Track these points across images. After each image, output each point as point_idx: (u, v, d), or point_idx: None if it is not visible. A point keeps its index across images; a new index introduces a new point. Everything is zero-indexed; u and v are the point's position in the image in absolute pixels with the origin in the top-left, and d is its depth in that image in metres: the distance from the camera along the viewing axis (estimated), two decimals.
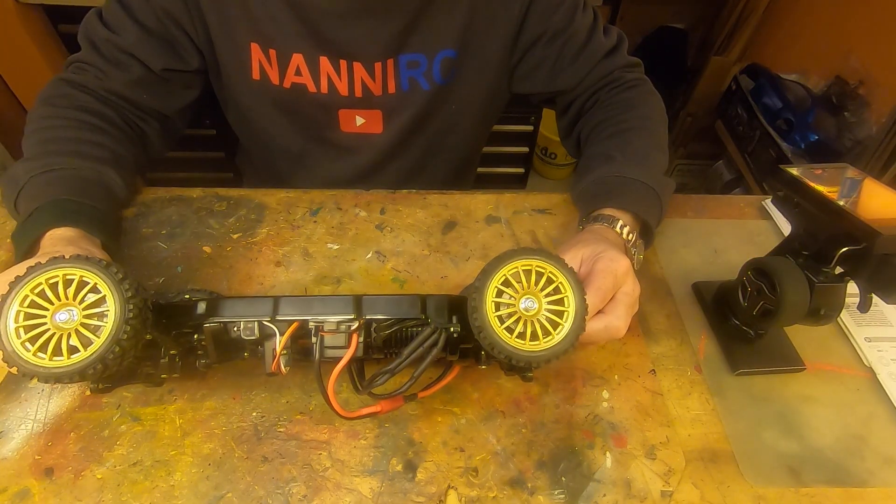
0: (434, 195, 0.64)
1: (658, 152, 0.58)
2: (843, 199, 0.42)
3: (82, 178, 0.50)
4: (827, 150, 1.23)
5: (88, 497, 0.39)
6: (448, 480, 0.41)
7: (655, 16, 1.68)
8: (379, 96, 0.63)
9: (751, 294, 0.46)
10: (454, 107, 0.67)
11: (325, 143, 0.68)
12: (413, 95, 0.63)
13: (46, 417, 0.43)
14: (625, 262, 0.43)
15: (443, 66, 0.62)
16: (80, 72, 0.57)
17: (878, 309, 0.54)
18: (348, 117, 0.65)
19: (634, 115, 0.60)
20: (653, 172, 0.54)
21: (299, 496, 0.40)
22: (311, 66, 0.59)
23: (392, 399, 0.40)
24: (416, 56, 0.60)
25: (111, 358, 0.32)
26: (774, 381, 0.48)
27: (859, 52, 1.23)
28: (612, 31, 0.65)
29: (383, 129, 0.66)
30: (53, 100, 0.54)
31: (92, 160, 0.51)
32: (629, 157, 0.55)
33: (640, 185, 0.52)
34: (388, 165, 0.71)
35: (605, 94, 0.64)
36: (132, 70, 0.57)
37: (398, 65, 0.61)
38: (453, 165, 0.77)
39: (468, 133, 0.73)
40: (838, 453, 0.44)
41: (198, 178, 1.48)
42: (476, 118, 0.71)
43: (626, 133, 0.58)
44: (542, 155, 1.82)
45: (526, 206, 0.63)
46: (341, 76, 0.60)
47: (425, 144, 0.70)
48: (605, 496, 0.41)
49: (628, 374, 0.48)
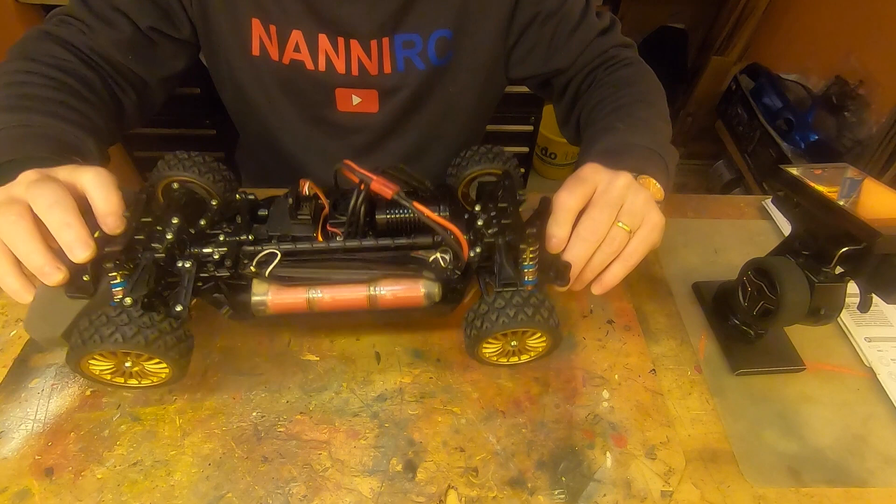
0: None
1: (661, 121, 0.57)
2: (843, 199, 0.42)
3: (63, 141, 0.47)
4: (827, 150, 1.23)
5: (88, 497, 0.39)
6: (448, 480, 0.41)
7: (655, 16, 1.68)
8: (375, 76, 0.63)
9: (751, 294, 0.46)
10: (451, 89, 0.67)
11: (321, 123, 0.68)
12: (408, 76, 0.63)
13: (46, 417, 0.43)
14: (623, 180, 0.42)
15: (438, 47, 0.62)
16: (65, 25, 0.55)
17: (878, 309, 0.54)
18: (345, 96, 0.65)
19: (633, 91, 0.60)
20: (657, 139, 0.53)
21: (299, 496, 0.40)
22: (310, 42, 0.60)
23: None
24: (411, 36, 0.61)
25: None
26: (774, 381, 0.48)
27: (859, 52, 1.23)
28: (605, 14, 0.66)
29: (379, 109, 0.66)
30: (36, 55, 0.51)
31: (73, 126, 0.49)
32: (632, 126, 0.54)
33: (646, 150, 0.51)
34: (384, 147, 0.71)
35: (601, 72, 0.64)
36: (120, 27, 0.55)
37: (393, 44, 0.61)
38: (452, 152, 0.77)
39: (465, 118, 0.73)
40: (838, 453, 0.44)
41: None
42: (473, 102, 0.71)
43: (627, 107, 0.58)
44: (542, 155, 1.82)
45: (525, 207, 0.63)
46: (339, 54, 0.61)
47: (422, 127, 0.71)
48: (605, 496, 0.41)
49: (628, 374, 0.48)
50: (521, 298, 0.37)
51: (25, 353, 0.46)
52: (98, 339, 0.33)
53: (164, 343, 0.35)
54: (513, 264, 0.40)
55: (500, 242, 0.40)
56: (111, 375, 0.37)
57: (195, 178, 0.43)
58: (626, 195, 0.42)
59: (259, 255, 0.39)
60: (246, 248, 0.40)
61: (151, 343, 0.34)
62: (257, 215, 0.41)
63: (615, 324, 0.52)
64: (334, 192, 0.42)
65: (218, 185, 0.44)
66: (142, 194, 0.41)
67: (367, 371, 0.47)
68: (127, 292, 0.36)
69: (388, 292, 0.40)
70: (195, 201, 0.43)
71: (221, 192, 0.44)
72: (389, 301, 0.40)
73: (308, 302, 0.39)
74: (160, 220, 0.39)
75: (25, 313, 0.39)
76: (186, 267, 0.38)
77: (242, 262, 0.39)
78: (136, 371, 0.37)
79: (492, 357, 0.41)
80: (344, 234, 0.40)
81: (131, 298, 0.35)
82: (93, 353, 0.34)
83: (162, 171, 0.43)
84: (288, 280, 0.39)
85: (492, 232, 0.41)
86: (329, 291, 0.39)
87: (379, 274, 0.39)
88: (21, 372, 0.45)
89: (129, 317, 0.34)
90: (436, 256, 0.39)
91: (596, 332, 0.51)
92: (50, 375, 0.45)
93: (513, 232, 0.40)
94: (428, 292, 0.40)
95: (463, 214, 0.42)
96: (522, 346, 0.40)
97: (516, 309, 0.36)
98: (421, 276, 0.40)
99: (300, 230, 0.40)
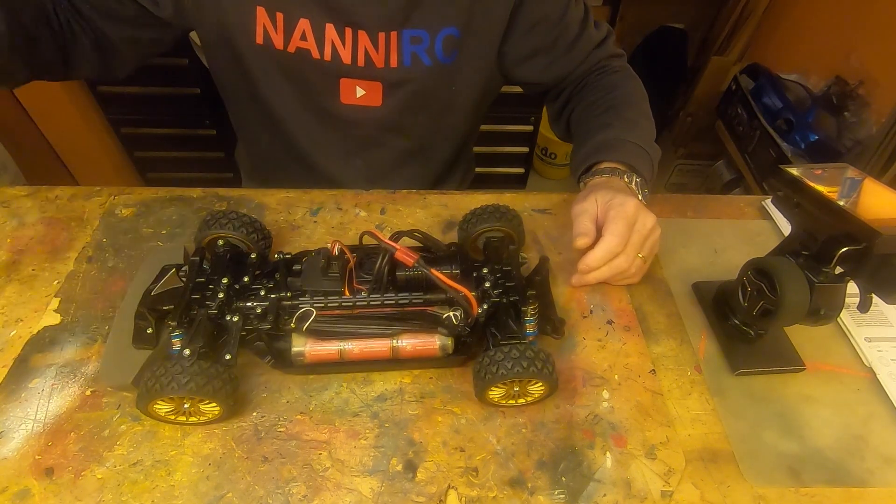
0: (434, 195, 0.64)
1: (646, 120, 0.65)
2: (843, 199, 0.42)
3: None
4: (827, 150, 1.23)
5: (88, 497, 0.39)
6: (448, 480, 0.41)
7: (655, 16, 1.68)
8: (381, 68, 0.63)
9: (751, 294, 0.46)
10: (454, 87, 0.68)
11: (324, 114, 0.69)
12: (414, 71, 0.64)
13: (47, 417, 0.43)
14: (633, 202, 0.51)
15: (445, 44, 0.63)
16: None
17: (878, 309, 0.54)
18: (349, 87, 0.65)
19: (620, 94, 0.67)
20: (643, 137, 0.61)
21: (299, 496, 0.40)
22: (317, 31, 0.60)
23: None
24: (419, 32, 0.61)
25: None
26: (774, 381, 0.48)
27: (859, 52, 1.23)
28: (602, 25, 0.71)
29: (382, 103, 0.67)
30: None
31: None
32: (623, 123, 0.62)
33: (634, 146, 0.59)
34: (386, 141, 0.72)
35: (593, 77, 0.70)
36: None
37: (401, 38, 0.62)
38: (452, 147, 0.79)
39: (465, 117, 0.74)
40: (838, 453, 0.44)
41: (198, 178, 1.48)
42: (473, 102, 0.72)
43: (616, 108, 0.64)
44: (542, 155, 1.82)
45: (526, 206, 0.63)
46: (345, 44, 0.61)
47: (423, 124, 0.71)
48: (605, 496, 0.41)
49: (628, 374, 0.48)
50: (519, 352, 0.41)
51: (25, 353, 0.46)
52: (158, 388, 0.38)
53: (213, 387, 0.39)
54: (515, 320, 0.46)
55: (504, 302, 0.46)
56: (174, 416, 0.41)
57: (236, 234, 0.50)
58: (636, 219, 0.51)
59: (298, 312, 0.44)
60: (284, 302, 0.45)
61: (201, 388, 0.38)
62: (292, 270, 0.47)
63: (615, 324, 0.52)
64: (359, 251, 0.48)
65: (251, 236, 0.51)
66: (195, 257, 0.47)
67: (368, 371, 0.47)
68: (185, 343, 0.41)
69: (409, 345, 0.45)
70: (237, 255, 0.49)
71: (256, 243, 0.51)
72: (409, 353, 0.45)
73: (340, 353, 0.45)
74: (211, 280, 0.46)
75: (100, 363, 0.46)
76: (234, 321, 0.44)
77: (283, 318, 0.45)
78: (192, 410, 0.41)
79: (499, 400, 0.44)
80: (368, 290, 0.46)
81: (189, 350, 0.41)
82: (156, 400, 0.39)
83: (207, 229, 0.50)
84: (322, 334, 0.45)
85: (497, 293, 0.47)
86: (358, 344, 0.45)
87: (399, 329, 0.45)
88: (21, 372, 0.45)
89: (182, 367, 0.39)
90: (449, 314, 0.45)
91: (596, 332, 0.51)
92: (50, 375, 0.45)
93: (516, 293, 0.47)
94: (442, 345, 0.45)
95: (472, 273, 0.48)
96: (524, 391, 0.43)
97: (515, 361, 0.41)
98: (436, 331, 0.45)
99: (330, 285, 0.46)
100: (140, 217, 0.59)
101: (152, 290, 0.46)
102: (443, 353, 0.45)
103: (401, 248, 0.44)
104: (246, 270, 0.47)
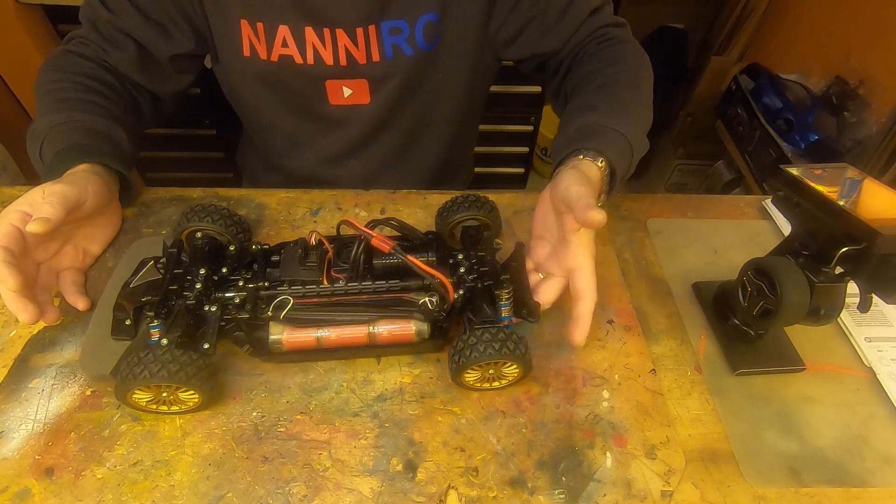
0: (434, 195, 0.64)
1: (641, 107, 0.59)
2: (843, 199, 0.42)
3: (97, 129, 0.55)
4: (827, 150, 1.23)
5: (88, 497, 0.39)
6: (448, 480, 0.41)
7: (655, 16, 1.68)
8: (364, 65, 0.63)
9: (751, 294, 0.46)
10: (440, 74, 0.67)
11: (314, 119, 0.69)
12: (397, 63, 0.63)
13: (46, 417, 0.43)
14: (587, 235, 0.46)
15: (425, 31, 0.62)
16: (82, 45, 0.61)
17: (878, 309, 0.54)
18: (335, 88, 0.65)
19: (621, 70, 0.60)
20: (631, 126, 0.54)
21: (299, 496, 0.40)
22: (297, 36, 0.60)
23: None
24: (398, 22, 0.61)
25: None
26: (774, 381, 0.48)
27: (859, 52, 1.23)
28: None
29: (371, 100, 0.67)
30: (63, 67, 0.59)
31: (104, 118, 0.56)
32: (613, 107, 0.56)
33: (618, 135, 0.53)
34: (379, 137, 0.72)
35: (592, 46, 0.64)
36: (129, 50, 0.60)
37: (380, 32, 0.61)
38: (446, 139, 0.77)
39: (457, 105, 0.72)
40: (838, 453, 0.44)
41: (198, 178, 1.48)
42: (463, 88, 0.70)
43: (612, 86, 0.59)
44: (542, 155, 1.82)
45: (526, 206, 0.63)
46: (326, 45, 0.61)
47: (414, 116, 0.71)
48: (606, 496, 0.41)
49: (628, 373, 0.48)
50: (491, 335, 0.42)
51: (25, 353, 0.46)
52: (132, 377, 0.38)
53: (186, 374, 0.39)
54: (490, 305, 0.46)
55: (479, 286, 0.47)
56: (156, 405, 0.42)
57: (214, 227, 0.50)
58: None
59: (275, 301, 0.45)
60: (262, 292, 0.46)
61: (173, 375, 0.38)
62: (270, 260, 0.47)
63: (615, 324, 0.52)
64: (337, 241, 0.48)
65: (230, 229, 0.51)
66: (173, 249, 0.48)
67: (368, 371, 0.47)
68: (163, 334, 0.42)
69: (385, 331, 0.45)
70: (216, 247, 0.50)
71: (235, 235, 0.51)
72: (386, 338, 0.45)
73: (317, 340, 0.45)
74: (189, 271, 0.46)
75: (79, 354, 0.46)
76: (213, 311, 0.44)
77: (260, 306, 0.45)
78: (171, 399, 0.41)
79: (474, 383, 0.45)
80: (346, 278, 0.46)
81: (167, 339, 0.41)
82: (133, 388, 0.39)
83: (186, 222, 0.50)
84: (299, 321, 0.45)
85: (472, 278, 0.47)
86: (334, 331, 0.45)
87: (376, 315, 0.45)
88: (21, 372, 0.45)
89: (154, 356, 0.39)
90: (425, 300, 0.45)
91: (596, 332, 0.51)
92: (50, 375, 0.45)
93: (490, 278, 0.47)
94: (418, 330, 0.45)
95: (448, 259, 0.49)
96: (499, 373, 0.44)
97: (487, 344, 0.41)
98: (412, 316, 0.45)
99: (308, 274, 0.46)
100: (140, 217, 0.59)
101: (130, 283, 0.47)
102: (419, 338, 0.45)
103: (377, 235, 0.45)
104: (225, 262, 0.48)
